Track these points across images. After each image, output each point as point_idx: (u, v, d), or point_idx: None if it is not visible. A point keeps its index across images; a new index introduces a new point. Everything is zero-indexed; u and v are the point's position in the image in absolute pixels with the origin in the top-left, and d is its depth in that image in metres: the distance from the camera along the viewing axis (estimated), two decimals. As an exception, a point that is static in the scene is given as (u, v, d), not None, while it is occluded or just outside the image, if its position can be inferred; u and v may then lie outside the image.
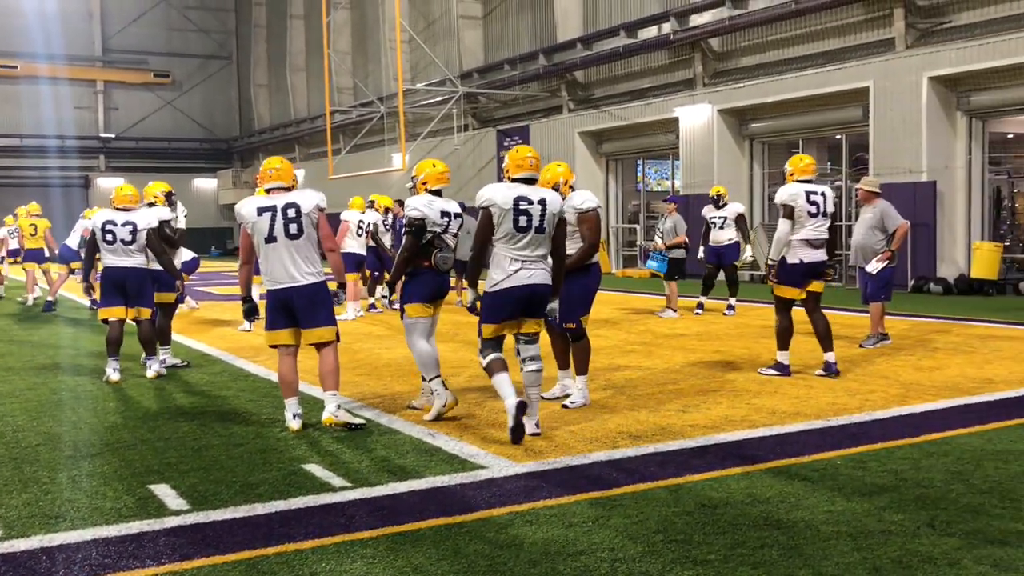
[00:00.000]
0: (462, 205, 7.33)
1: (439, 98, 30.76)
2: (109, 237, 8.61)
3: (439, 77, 31.03)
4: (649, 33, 23.42)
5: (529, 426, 6.17)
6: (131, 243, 8.64)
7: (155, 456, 5.85)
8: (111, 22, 46.81)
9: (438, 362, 6.84)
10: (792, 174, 8.61)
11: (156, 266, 8.92)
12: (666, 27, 22.69)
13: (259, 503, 4.83)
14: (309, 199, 6.54)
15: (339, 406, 6.61)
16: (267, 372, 9.09)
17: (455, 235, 6.89)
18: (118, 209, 8.77)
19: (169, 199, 9.86)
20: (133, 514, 4.69)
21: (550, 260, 6.27)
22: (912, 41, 17.88)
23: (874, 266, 10.11)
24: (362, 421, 6.66)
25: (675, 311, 13.54)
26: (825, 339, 8.49)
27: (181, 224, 10.77)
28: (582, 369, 7.23)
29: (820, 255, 8.45)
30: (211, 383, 8.57)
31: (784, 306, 8.49)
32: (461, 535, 4.31)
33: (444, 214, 6.76)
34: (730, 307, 13.80)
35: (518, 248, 6.08)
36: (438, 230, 6.71)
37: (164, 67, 47.95)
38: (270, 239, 6.43)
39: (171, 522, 4.56)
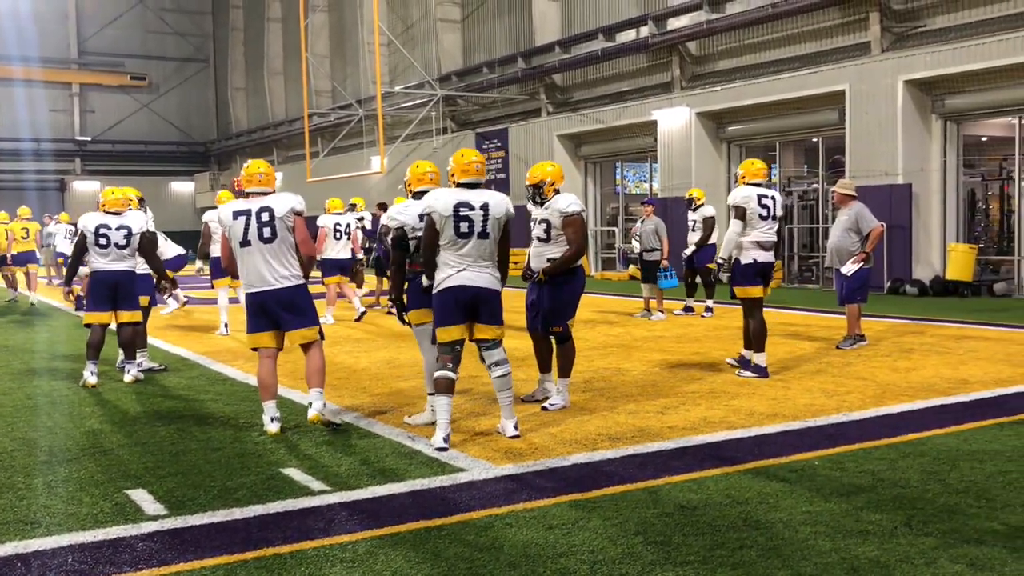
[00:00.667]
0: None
1: (418, 101, 30.74)
2: (103, 241, 8.56)
3: (418, 80, 31.02)
4: (627, 36, 23.50)
5: (508, 429, 6.18)
6: (125, 247, 8.63)
7: (132, 461, 5.81)
8: (87, 24, 46.50)
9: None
10: (743, 177, 8.80)
11: (144, 270, 8.99)
12: (644, 30, 22.78)
13: (237, 508, 4.80)
14: (284, 202, 6.53)
15: (325, 404, 6.66)
16: (245, 376, 9.04)
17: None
18: (109, 213, 8.73)
19: (141, 203, 9.86)
20: (110, 519, 4.65)
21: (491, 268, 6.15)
22: (888, 45, 18.03)
23: (849, 268, 10.18)
24: (340, 423, 6.70)
25: (662, 313, 13.62)
26: (757, 339, 8.56)
27: (151, 227, 10.75)
28: (565, 372, 7.24)
29: (770, 257, 8.63)
30: (189, 387, 8.52)
31: (754, 305, 8.56)
32: (441, 538, 4.30)
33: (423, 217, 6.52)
34: (708, 309, 13.85)
35: (461, 254, 6.04)
36: (420, 234, 6.48)
37: (141, 70, 47.67)
38: (244, 243, 6.46)
39: (148, 527, 4.53)
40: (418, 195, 6.69)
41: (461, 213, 6.00)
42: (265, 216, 6.44)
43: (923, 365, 8.95)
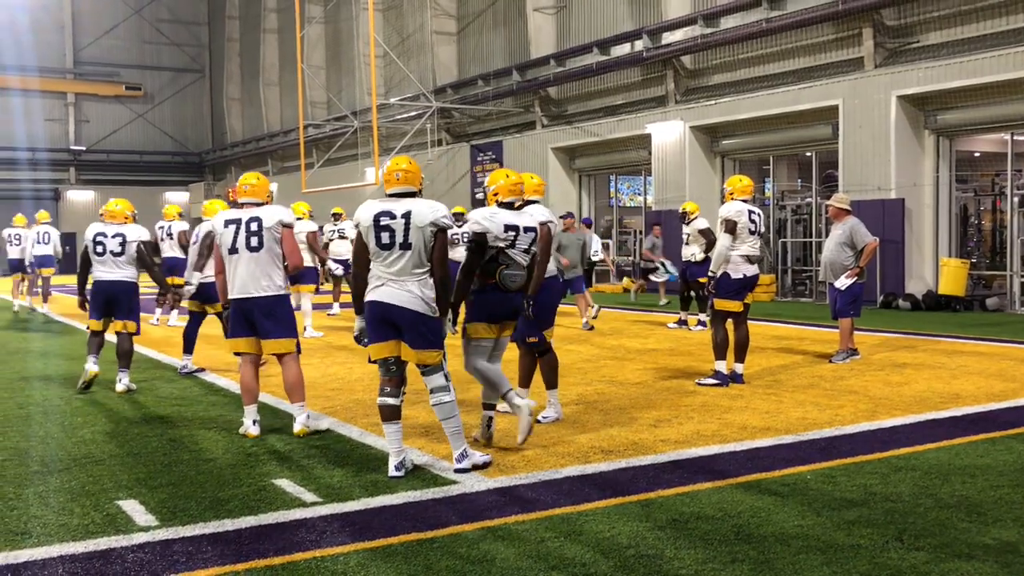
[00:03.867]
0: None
1: (413, 113, 30.80)
2: (99, 249, 8.67)
3: (413, 92, 31.08)
4: (622, 50, 23.58)
5: (455, 460, 5.74)
6: (120, 254, 8.67)
7: (124, 471, 5.79)
8: (83, 34, 46.53)
9: (503, 376, 6.29)
10: (732, 193, 9.02)
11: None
12: (639, 44, 22.86)
13: (229, 519, 4.79)
14: (272, 214, 6.72)
15: (308, 416, 6.84)
16: (237, 386, 9.01)
17: (526, 250, 6.22)
18: (108, 223, 8.83)
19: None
20: (101, 530, 4.64)
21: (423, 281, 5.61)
22: (881, 60, 18.12)
23: (843, 282, 10.22)
24: (325, 427, 6.93)
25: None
26: (742, 351, 8.94)
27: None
28: (551, 383, 7.23)
29: (756, 270, 8.97)
30: (181, 397, 8.50)
31: (722, 318, 8.91)
32: (433, 550, 4.30)
33: (510, 228, 6.12)
34: (700, 323, 13.88)
35: (386, 266, 5.58)
36: (502, 245, 6.09)
37: (136, 80, 47.71)
38: (232, 250, 6.67)
39: (139, 538, 4.52)
40: (505, 205, 6.25)
41: (382, 223, 5.56)
42: (254, 226, 6.65)
43: (915, 379, 8.97)
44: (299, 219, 9.80)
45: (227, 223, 6.72)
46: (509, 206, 6.27)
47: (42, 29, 44.71)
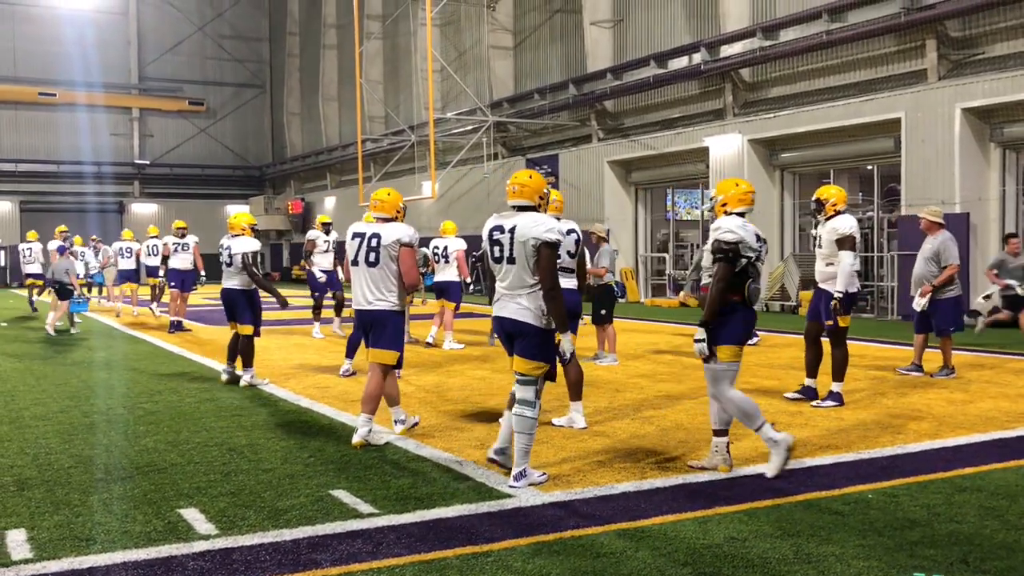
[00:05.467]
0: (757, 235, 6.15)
1: (469, 127, 30.96)
2: (221, 259, 10.00)
3: (469, 106, 31.25)
4: (679, 63, 23.46)
5: (535, 477, 5.78)
6: (230, 265, 9.89)
7: (184, 480, 5.88)
8: (148, 51, 47.59)
9: (758, 406, 6.00)
10: (835, 204, 8.62)
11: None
12: (696, 57, 22.72)
13: (287, 528, 4.84)
14: (391, 232, 6.92)
15: (371, 430, 6.92)
16: (296, 397, 9.13)
17: (761, 263, 6.04)
18: (232, 236, 10.04)
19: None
20: (162, 538, 4.72)
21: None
22: (945, 72, 17.80)
23: (919, 302, 10.03)
24: (384, 442, 6.94)
25: None
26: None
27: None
28: (576, 395, 7.54)
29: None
30: (240, 408, 8.62)
31: (845, 336, 8.61)
32: (487, 564, 4.30)
33: (759, 239, 5.94)
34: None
35: (500, 279, 5.73)
36: (752, 256, 5.87)
37: (199, 95, 48.66)
38: (354, 262, 7.03)
39: (200, 546, 4.58)
40: (739, 215, 6.01)
41: (494, 237, 5.73)
42: (374, 242, 6.92)
43: (981, 398, 8.77)
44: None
45: (354, 235, 7.07)
46: (740, 217, 5.98)
47: (108, 46, 45.85)
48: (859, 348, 13.31)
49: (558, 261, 5.92)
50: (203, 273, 17.19)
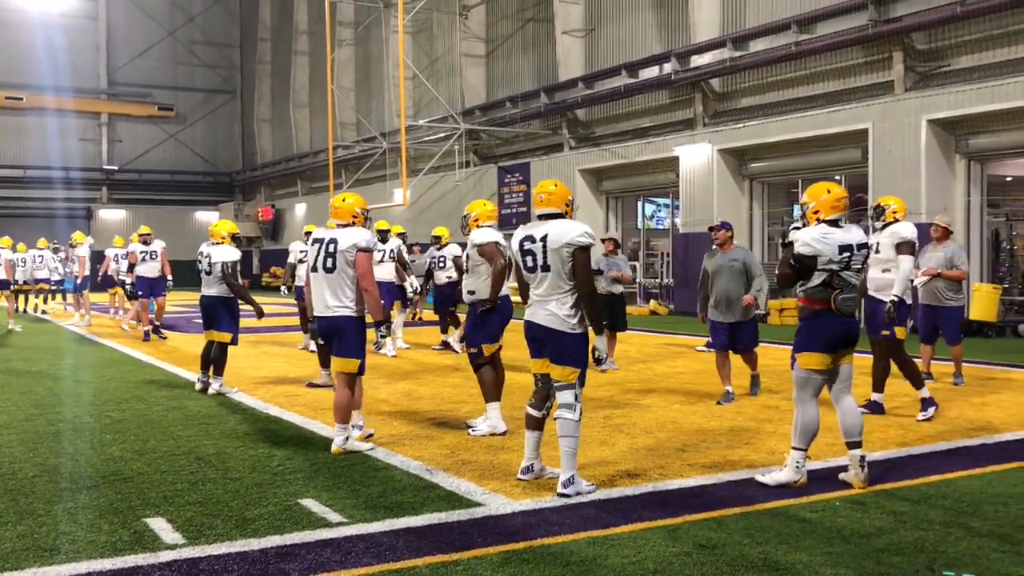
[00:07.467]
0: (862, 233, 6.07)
1: (441, 134, 30.98)
2: (199, 267, 9.98)
3: (441, 114, 31.27)
4: (650, 73, 23.62)
5: (583, 486, 5.79)
6: (209, 274, 9.90)
7: (151, 489, 5.83)
8: (117, 55, 47.22)
9: (815, 434, 6.00)
10: (896, 212, 8.39)
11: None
12: (667, 67, 22.89)
13: (255, 537, 4.81)
14: (348, 238, 6.86)
15: (347, 438, 6.91)
16: (264, 405, 9.08)
17: (859, 269, 5.94)
18: (213, 244, 10.05)
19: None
20: (128, 547, 4.67)
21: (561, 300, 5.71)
22: (911, 84, 18.04)
23: (920, 280, 9.99)
24: (369, 446, 6.97)
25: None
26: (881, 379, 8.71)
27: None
28: (491, 396, 7.60)
29: None
30: (208, 416, 8.55)
31: (902, 347, 8.43)
32: (457, 573, 4.29)
33: (844, 248, 5.79)
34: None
35: (534, 287, 5.84)
36: (835, 267, 5.77)
37: (169, 100, 48.35)
38: (313, 268, 7.00)
39: (166, 556, 4.54)
40: (832, 223, 5.87)
41: (525, 247, 5.84)
42: (331, 247, 6.87)
43: (946, 406, 8.86)
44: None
45: (314, 241, 7.05)
46: (834, 224, 5.88)
47: (78, 50, 45.47)
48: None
49: None
50: (170, 278, 16.88)
